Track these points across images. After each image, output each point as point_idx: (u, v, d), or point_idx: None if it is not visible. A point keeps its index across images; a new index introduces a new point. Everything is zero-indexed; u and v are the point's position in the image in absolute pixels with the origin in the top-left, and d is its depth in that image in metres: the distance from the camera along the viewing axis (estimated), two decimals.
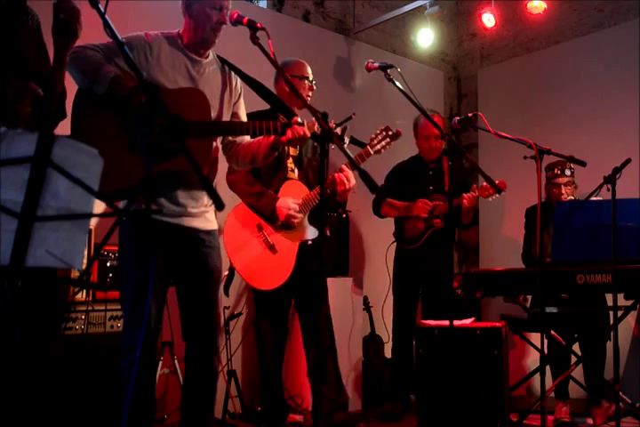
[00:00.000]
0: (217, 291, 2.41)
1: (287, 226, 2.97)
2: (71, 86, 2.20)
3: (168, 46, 2.33)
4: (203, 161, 2.23)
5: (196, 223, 2.36)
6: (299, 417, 3.57)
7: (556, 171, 3.65)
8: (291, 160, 3.12)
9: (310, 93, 3.18)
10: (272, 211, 2.94)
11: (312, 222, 3.06)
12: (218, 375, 2.44)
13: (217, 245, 2.43)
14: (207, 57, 2.41)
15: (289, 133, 2.30)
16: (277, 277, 2.93)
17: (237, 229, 2.96)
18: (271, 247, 2.95)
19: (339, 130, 2.45)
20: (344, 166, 2.99)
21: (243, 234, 2.95)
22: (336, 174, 2.98)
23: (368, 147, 2.96)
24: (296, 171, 3.13)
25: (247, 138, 2.52)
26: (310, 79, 3.17)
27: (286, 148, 3.05)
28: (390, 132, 2.99)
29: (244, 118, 2.55)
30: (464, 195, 3.65)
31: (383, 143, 2.98)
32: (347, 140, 2.48)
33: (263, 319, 3.13)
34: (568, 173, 3.65)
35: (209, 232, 2.40)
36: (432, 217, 3.76)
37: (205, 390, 2.38)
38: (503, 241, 3.95)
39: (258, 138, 2.45)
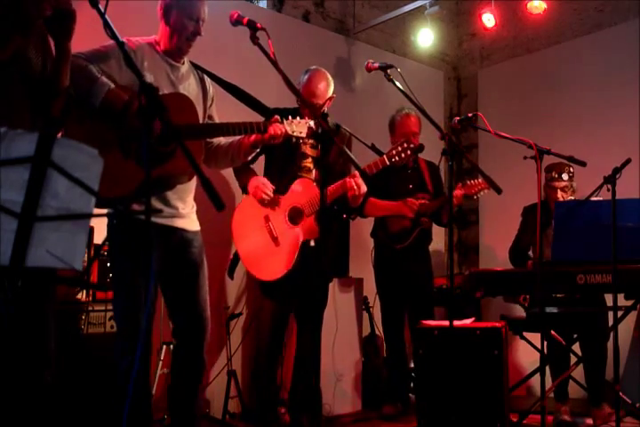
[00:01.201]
0: (205, 288, 2.51)
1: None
2: None
3: (149, 52, 2.40)
4: (198, 161, 2.25)
5: (184, 224, 2.46)
6: None
7: (553, 174, 3.61)
8: (310, 160, 3.12)
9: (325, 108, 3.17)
10: (245, 184, 3.04)
11: (320, 223, 3.05)
12: (204, 370, 2.57)
13: (202, 244, 2.54)
14: (183, 63, 2.50)
15: (270, 131, 2.42)
16: (276, 269, 2.95)
17: (246, 218, 3.02)
18: (275, 239, 2.97)
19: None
20: (357, 172, 2.97)
21: (250, 223, 3.00)
22: (347, 179, 2.97)
23: (385, 156, 2.95)
24: (314, 171, 3.13)
25: (222, 139, 2.62)
26: (322, 102, 3.12)
27: (303, 148, 3.09)
28: (412, 145, 2.98)
29: (217, 120, 2.64)
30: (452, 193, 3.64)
31: (403, 155, 2.96)
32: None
33: (264, 307, 3.12)
34: (565, 177, 3.61)
35: (195, 233, 2.51)
36: (419, 216, 3.75)
37: (192, 386, 2.48)
38: (503, 241, 3.94)
39: (237, 138, 2.55)
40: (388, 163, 2.96)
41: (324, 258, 3.07)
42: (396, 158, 2.96)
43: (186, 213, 2.45)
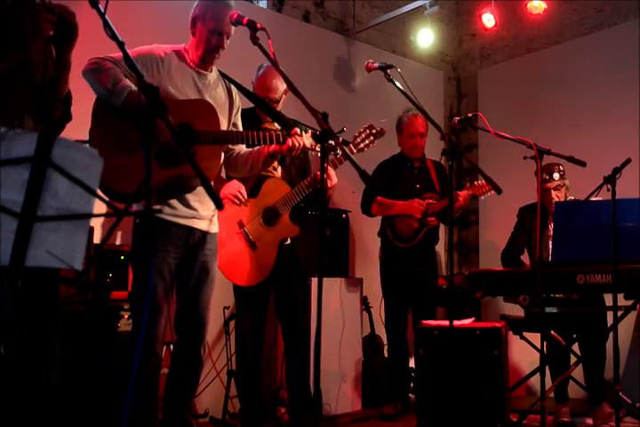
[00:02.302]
0: (211, 291, 2.59)
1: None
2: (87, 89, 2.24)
3: (177, 60, 2.49)
4: (215, 165, 2.42)
5: (204, 226, 2.53)
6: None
7: (544, 176, 3.58)
8: None
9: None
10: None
11: (294, 220, 3.05)
12: (203, 364, 2.65)
13: (216, 247, 2.61)
14: (211, 71, 2.58)
15: (289, 143, 2.49)
16: (257, 274, 2.95)
17: (219, 226, 2.96)
18: (252, 244, 2.95)
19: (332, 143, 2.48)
20: (326, 165, 2.98)
21: (224, 230, 2.92)
22: (318, 172, 2.98)
23: (351, 145, 2.95)
24: (279, 169, 3.13)
25: (244, 147, 2.69)
26: (278, 97, 3.11)
27: None
28: (374, 131, 2.97)
29: (241, 128, 2.70)
30: (459, 193, 3.67)
31: (367, 142, 2.96)
32: (340, 153, 2.54)
33: (243, 315, 3.12)
34: (556, 176, 3.60)
35: (213, 235, 2.59)
36: (426, 215, 3.76)
37: (190, 377, 2.57)
38: (503, 241, 3.94)
39: (257, 147, 2.61)
40: (355, 151, 2.96)
41: (300, 256, 3.10)
42: (361, 146, 2.96)
43: (205, 215, 2.51)
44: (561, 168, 3.61)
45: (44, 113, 1.94)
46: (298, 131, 2.52)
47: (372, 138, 2.97)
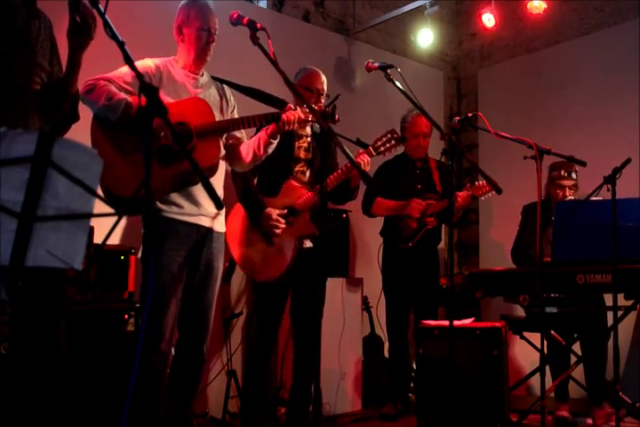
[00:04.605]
0: (215, 290, 2.61)
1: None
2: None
3: (168, 70, 2.57)
4: (213, 155, 2.45)
5: (211, 224, 2.56)
6: None
7: (562, 173, 3.60)
8: (303, 164, 3.13)
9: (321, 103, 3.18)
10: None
11: (314, 221, 3.06)
12: (205, 363, 2.68)
13: (222, 247, 2.64)
14: (202, 74, 2.65)
15: (283, 117, 2.52)
16: (273, 270, 2.96)
17: (238, 222, 3.03)
18: (268, 240, 2.97)
19: (328, 110, 2.60)
20: (360, 151, 3.01)
21: (243, 226, 3.01)
22: (356, 159, 2.98)
23: (370, 148, 2.98)
24: (307, 173, 3.14)
25: (244, 140, 2.75)
26: (320, 91, 3.16)
27: (297, 152, 3.10)
28: (396, 135, 3.01)
29: None
30: (458, 193, 3.66)
31: (388, 145, 3.00)
32: (337, 117, 2.62)
33: (257, 314, 3.11)
34: (574, 176, 3.61)
35: (219, 234, 2.62)
36: (425, 216, 3.76)
37: (192, 376, 2.59)
38: (503, 241, 3.95)
39: (256, 135, 2.68)
40: (374, 154, 3.00)
41: (322, 259, 3.08)
42: (382, 149, 3.00)
43: (211, 211, 2.54)
44: (577, 168, 3.61)
45: (52, 111, 1.93)
46: (292, 106, 2.56)
47: (393, 142, 3.00)
